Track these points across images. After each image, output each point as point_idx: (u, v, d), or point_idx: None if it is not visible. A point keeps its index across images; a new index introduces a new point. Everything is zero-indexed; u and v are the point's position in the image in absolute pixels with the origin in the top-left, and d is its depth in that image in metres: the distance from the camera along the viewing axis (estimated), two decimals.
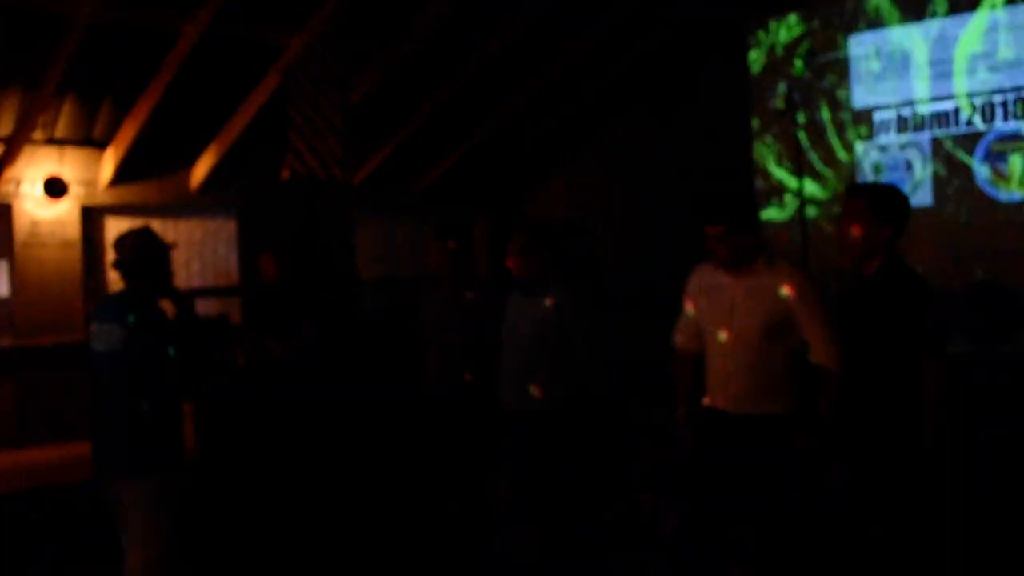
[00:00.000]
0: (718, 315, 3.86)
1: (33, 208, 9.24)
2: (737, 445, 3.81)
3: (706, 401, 3.93)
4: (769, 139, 9.84)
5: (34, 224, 9.25)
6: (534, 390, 4.37)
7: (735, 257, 3.77)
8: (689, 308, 4.02)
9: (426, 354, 5.05)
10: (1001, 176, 8.50)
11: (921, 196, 8.91)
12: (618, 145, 12.07)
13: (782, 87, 7.26)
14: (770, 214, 9.89)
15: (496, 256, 11.70)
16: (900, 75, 9.08)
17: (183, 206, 10.25)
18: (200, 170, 10.08)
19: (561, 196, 12.70)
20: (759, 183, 9.98)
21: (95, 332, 3.79)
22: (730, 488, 3.83)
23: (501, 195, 12.86)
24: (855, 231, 3.54)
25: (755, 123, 9.96)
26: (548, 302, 4.36)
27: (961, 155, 8.74)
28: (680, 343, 4.08)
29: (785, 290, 3.71)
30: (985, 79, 8.60)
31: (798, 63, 7.23)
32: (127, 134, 9.22)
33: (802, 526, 3.71)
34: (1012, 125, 8.47)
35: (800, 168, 8.01)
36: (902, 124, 9.08)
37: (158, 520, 3.72)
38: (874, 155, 9.21)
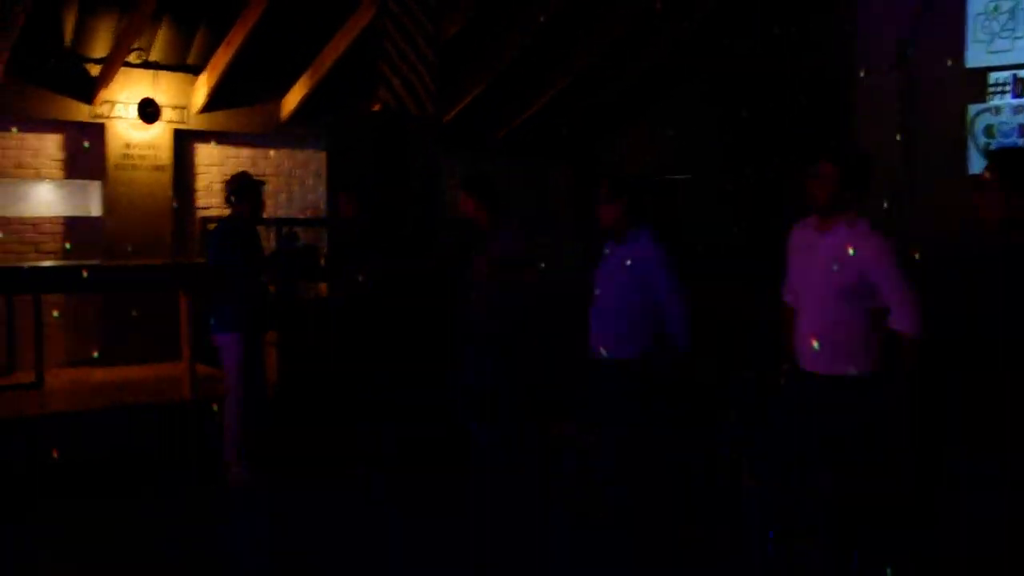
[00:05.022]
0: (804, 273, 3.83)
1: (126, 130, 9.34)
2: (813, 407, 3.74)
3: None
4: (871, 96, 9.41)
5: (127, 146, 9.37)
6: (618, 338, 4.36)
7: (831, 202, 3.67)
8: (789, 265, 3.95)
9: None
10: None
11: None
12: (701, 96, 11.72)
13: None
14: None
15: (579, 205, 11.54)
16: (1019, 34, 8.60)
17: (273, 135, 10.28)
18: (291, 100, 10.08)
19: (640, 148, 12.42)
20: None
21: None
22: (799, 453, 3.76)
23: (581, 145, 12.64)
24: (987, 201, 3.42)
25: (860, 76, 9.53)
26: (635, 252, 4.35)
27: None
28: (785, 300, 4.01)
29: (861, 251, 3.58)
30: None
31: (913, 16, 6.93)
32: (221, 60, 9.23)
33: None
34: None
35: (905, 128, 7.70)
36: (1019, 87, 8.61)
37: (239, 357, 5.94)
38: (987, 118, 8.78)
